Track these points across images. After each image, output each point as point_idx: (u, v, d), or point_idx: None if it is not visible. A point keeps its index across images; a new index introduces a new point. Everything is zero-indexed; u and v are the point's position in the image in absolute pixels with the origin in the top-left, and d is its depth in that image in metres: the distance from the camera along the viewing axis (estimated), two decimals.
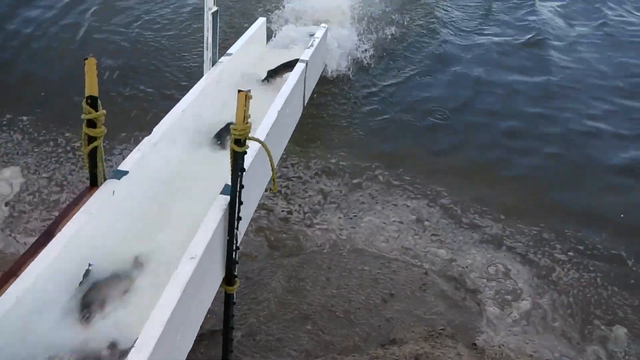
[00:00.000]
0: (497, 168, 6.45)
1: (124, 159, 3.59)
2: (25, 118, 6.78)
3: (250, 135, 2.98)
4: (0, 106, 6.97)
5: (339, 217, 5.59)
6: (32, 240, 3.57)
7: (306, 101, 5.69)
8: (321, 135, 6.75)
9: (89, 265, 3.09)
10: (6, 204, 5.53)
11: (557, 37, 9.20)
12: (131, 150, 3.69)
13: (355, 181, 6.07)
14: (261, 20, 6.07)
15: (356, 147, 6.56)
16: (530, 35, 9.12)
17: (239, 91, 2.85)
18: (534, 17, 9.69)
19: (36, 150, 6.32)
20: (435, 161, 6.48)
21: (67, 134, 6.54)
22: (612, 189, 6.23)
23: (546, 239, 5.55)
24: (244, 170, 3.06)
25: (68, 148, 6.36)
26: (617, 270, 5.27)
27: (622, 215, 5.85)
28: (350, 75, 7.70)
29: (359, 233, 5.45)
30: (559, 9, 10.19)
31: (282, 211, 5.64)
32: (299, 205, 5.72)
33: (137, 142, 3.92)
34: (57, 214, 4.93)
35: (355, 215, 5.62)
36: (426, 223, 5.62)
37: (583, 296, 5.03)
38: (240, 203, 3.14)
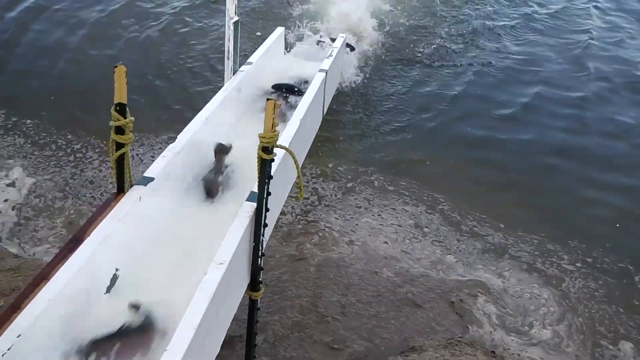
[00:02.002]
0: None
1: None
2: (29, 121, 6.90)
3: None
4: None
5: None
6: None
7: (325, 110, 5.74)
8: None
9: (116, 270, 3.12)
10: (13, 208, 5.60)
11: None
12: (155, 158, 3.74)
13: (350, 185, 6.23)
14: (280, 30, 6.12)
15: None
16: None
17: (268, 99, 2.88)
18: None
19: (42, 153, 6.42)
20: None
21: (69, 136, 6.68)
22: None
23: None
24: (271, 177, 3.09)
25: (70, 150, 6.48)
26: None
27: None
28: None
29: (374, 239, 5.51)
30: None
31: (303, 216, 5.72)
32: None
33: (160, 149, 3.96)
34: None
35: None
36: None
37: (597, 305, 5.10)
38: (267, 210, 3.17)
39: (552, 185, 6.55)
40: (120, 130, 3.17)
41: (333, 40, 6.56)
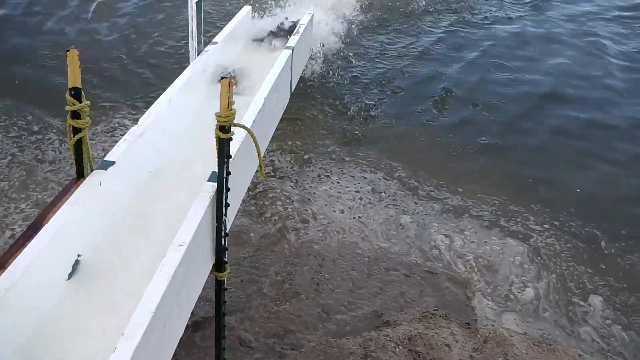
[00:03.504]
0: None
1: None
2: None
3: (236, 121, 2.99)
4: None
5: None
6: None
7: (293, 88, 5.70)
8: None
9: (78, 256, 3.09)
10: None
11: None
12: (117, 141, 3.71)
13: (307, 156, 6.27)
14: (246, 9, 6.06)
15: None
16: None
17: (222, 78, 2.84)
18: None
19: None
20: None
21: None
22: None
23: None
24: (230, 157, 3.06)
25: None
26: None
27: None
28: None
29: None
30: None
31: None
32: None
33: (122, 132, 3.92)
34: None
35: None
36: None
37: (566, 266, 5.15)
38: (228, 189, 3.14)
39: (513, 151, 6.63)
40: (76, 115, 3.13)
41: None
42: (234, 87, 2.90)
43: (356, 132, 6.63)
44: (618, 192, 6.05)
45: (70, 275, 3.04)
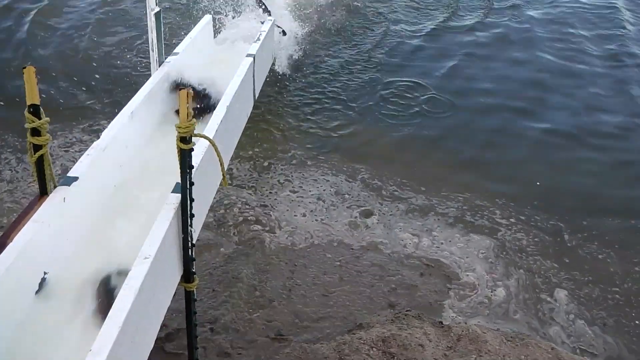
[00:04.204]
0: None
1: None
2: None
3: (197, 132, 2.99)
4: None
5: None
6: None
7: (257, 95, 5.71)
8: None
9: (44, 273, 3.07)
10: None
11: None
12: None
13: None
14: (207, 18, 6.05)
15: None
16: None
17: (180, 89, 2.85)
18: None
19: None
20: None
21: None
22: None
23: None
24: (192, 167, 3.06)
25: None
26: None
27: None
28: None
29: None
30: None
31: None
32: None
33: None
34: None
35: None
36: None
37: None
38: (192, 200, 3.14)
39: (472, 145, 6.72)
40: (36, 132, 3.11)
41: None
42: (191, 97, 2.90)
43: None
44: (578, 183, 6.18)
45: (37, 293, 3.02)
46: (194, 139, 2.97)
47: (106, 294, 3.08)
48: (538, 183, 6.09)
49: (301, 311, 4.60)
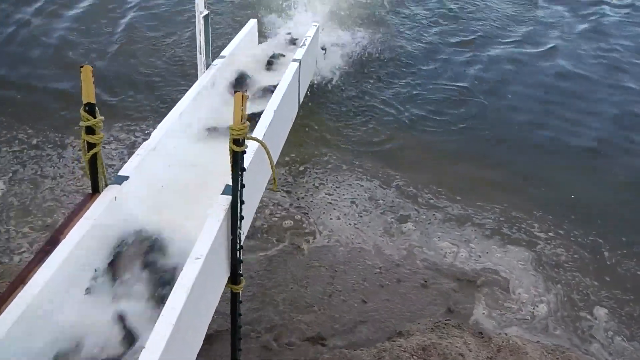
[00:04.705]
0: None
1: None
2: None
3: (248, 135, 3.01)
4: None
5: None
6: None
7: (301, 100, 5.74)
8: None
9: (95, 270, 3.11)
10: None
11: None
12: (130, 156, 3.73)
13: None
14: (252, 22, 6.10)
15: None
16: None
17: (236, 91, 2.87)
18: None
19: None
20: None
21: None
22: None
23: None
24: (244, 169, 3.08)
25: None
26: None
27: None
28: None
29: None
30: None
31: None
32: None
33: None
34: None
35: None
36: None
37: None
38: (242, 202, 3.16)
39: (510, 157, 6.64)
40: (90, 130, 3.15)
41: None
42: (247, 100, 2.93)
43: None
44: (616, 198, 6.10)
45: (88, 290, 3.05)
46: (245, 141, 3.00)
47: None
48: (573, 196, 6.00)
49: (341, 317, 4.61)
